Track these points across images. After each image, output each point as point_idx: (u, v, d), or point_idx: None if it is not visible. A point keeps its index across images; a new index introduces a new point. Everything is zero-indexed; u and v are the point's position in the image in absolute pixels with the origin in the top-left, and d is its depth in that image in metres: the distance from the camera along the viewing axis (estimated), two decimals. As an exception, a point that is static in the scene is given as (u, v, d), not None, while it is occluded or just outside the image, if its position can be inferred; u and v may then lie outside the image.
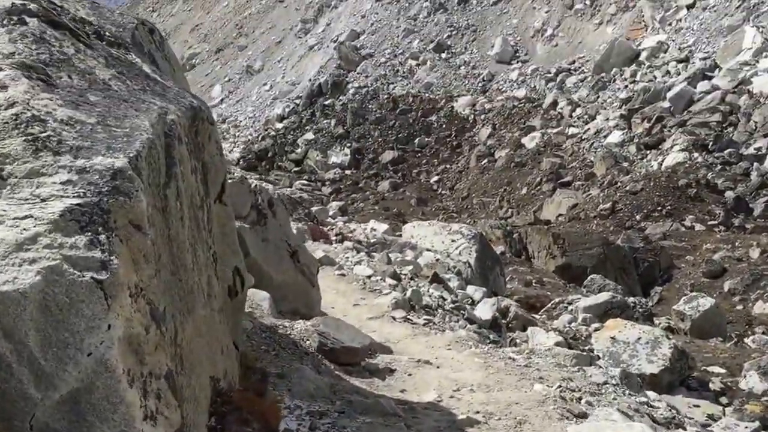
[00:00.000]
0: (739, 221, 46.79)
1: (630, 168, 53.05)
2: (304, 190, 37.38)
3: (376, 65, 67.70)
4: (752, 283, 37.19)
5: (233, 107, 70.86)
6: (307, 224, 17.10)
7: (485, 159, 57.83)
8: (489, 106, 62.25)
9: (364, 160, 61.24)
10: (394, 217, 52.40)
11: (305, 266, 11.26)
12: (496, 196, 54.06)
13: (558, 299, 24.89)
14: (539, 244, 43.21)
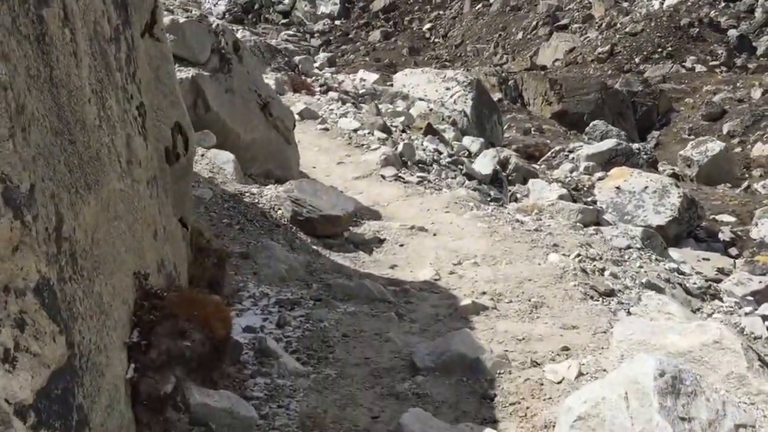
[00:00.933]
0: (741, 61, 45.25)
1: (630, 8, 50.73)
2: (290, 41, 35.04)
3: None
4: (752, 124, 36.16)
5: (216, -43, 67.17)
6: (287, 74, 15.18)
7: (479, 3, 55.40)
8: (483, -52, 59.01)
9: (355, 9, 58.67)
10: (386, 68, 50.60)
11: (279, 120, 9.48)
12: (490, 42, 51.94)
13: (558, 147, 23.26)
14: (535, 91, 41.52)
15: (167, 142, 5.73)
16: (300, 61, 20.10)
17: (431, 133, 17.39)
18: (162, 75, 5.83)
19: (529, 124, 26.68)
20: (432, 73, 24.42)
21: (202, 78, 8.66)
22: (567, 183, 19.38)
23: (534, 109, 40.35)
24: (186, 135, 6.02)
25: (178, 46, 8.73)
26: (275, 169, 9.47)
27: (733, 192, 22.93)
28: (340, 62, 52.28)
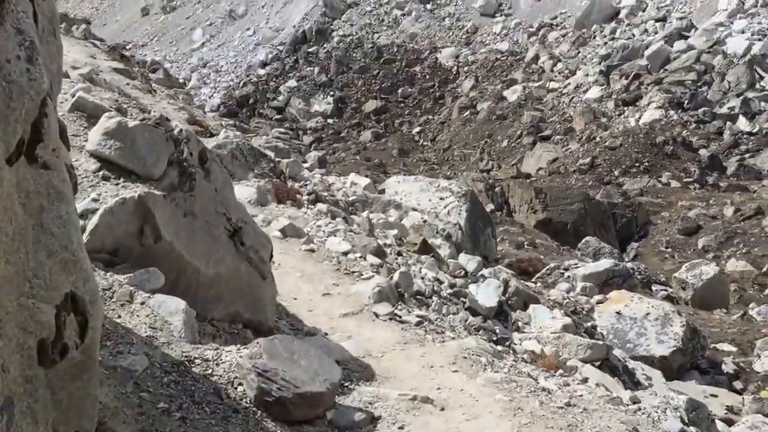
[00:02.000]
0: (713, 179, 44.08)
1: (608, 124, 49.61)
2: (281, 139, 32.90)
3: (362, 14, 62.84)
4: (726, 240, 35.00)
5: (214, 52, 65.71)
6: (272, 182, 12.74)
7: (467, 111, 53.89)
8: (472, 59, 58.03)
9: (347, 109, 57.06)
10: (376, 168, 48.89)
11: (253, 250, 7.03)
12: (477, 148, 50.28)
13: (554, 264, 20.90)
14: (521, 198, 39.76)
15: (44, 330, 3.16)
16: (288, 165, 17.72)
17: (426, 251, 15.02)
18: (48, 221, 3.34)
19: (522, 237, 24.36)
20: (425, 182, 22.14)
21: (152, 198, 6.22)
22: (565, 305, 17.10)
23: (519, 217, 38.52)
24: (85, 313, 3.43)
25: (125, 155, 6.38)
26: (244, 311, 6.99)
27: (730, 318, 20.84)
28: (331, 160, 50.49)
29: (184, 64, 65.71)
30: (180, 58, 66.80)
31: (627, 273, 18.99)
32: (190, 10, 72.31)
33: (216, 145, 13.41)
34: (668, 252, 36.90)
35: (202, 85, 62.52)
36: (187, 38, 68.65)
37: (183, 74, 63.92)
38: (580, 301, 17.85)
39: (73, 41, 24.64)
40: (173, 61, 66.33)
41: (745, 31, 49.13)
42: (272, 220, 11.33)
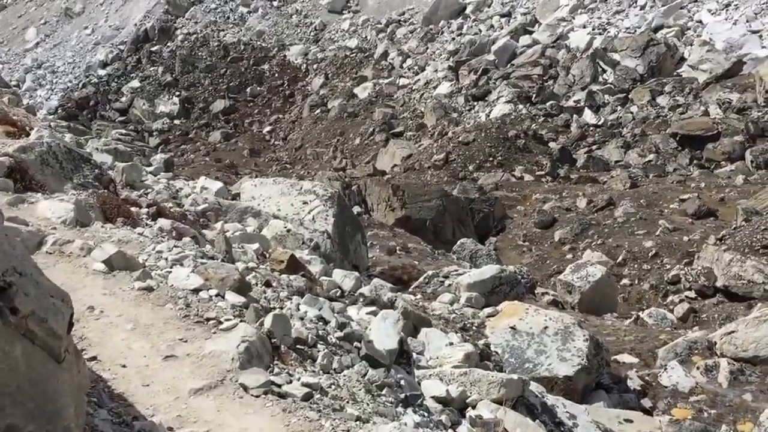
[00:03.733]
0: (564, 171, 43.16)
1: (459, 119, 47.97)
2: (122, 141, 29.01)
3: (206, 11, 58.86)
4: (581, 232, 34.08)
5: (50, 52, 60.03)
6: (97, 193, 9.39)
7: (318, 109, 51.12)
8: (321, 56, 55.28)
9: (194, 109, 53.19)
10: (227, 169, 45.57)
11: (36, 320, 3.92)
12: (330, 147, 47.62)
13: (431, 272, 18.24)
14: (379, 196, 37.42)
15: None
16: (124, 170, 14.28)
17: (295, 270, 11.98)
18: None
19: (393, 242, 21.59)
20: (285, 184, 19.03)
21: None
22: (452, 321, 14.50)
23: (377, 215, 36.20)
24: None
25: None
26: (26, 422, 3.86)
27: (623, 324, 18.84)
28: (180, 162, 46.65)
29: (17, 65, 59.76)
30: (12, 59, 60.74)
31: (514, 280, 16.56)
32: (22, 8, 66.03)
33: (18, 148, 9.92)
34: (526, 246, 35.59)
35: (38, 87, 56.96)
36: (19, 38, 62.54)
37: (17, 75, 58.12)
38: (467, 315, 15.29)
39: None
40: (4, 63, 60.27)
41: (586, 26, 48.66)
42: (94, 248, 8.05)
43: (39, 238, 8.38)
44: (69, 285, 7.73)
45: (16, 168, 9.58)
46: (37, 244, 8.35)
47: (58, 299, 4.38)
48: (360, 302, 13.13)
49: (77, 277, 7.85)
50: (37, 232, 8.42)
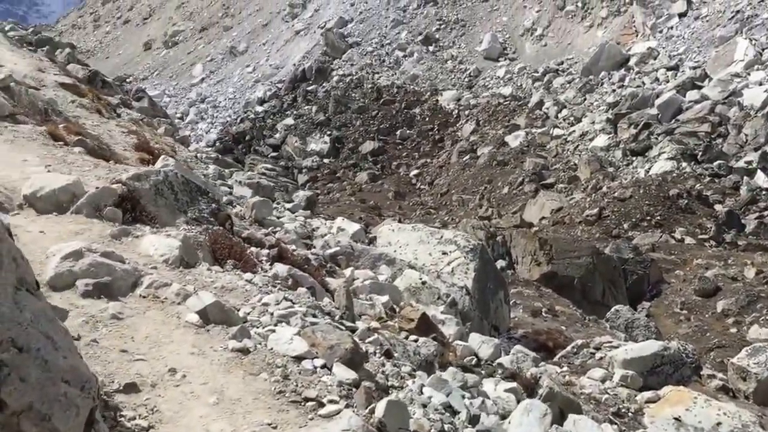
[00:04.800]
0: (731, 237, 39.53)
1: (615, 173, 45.29)
2: (267, 176, 28.59)
3: (363, 54, 58.90)
4: (747, 305, 30.77)
5: (213, 87, 61.72)
6: (210, 231, 8.29)
7: (467, 155, 49.72)
8: (474, 102, 53.96)
9: (344, 149, 52.98)
10: (371, 210, 44.98)
11: (33, 418, 2.65)
12: (476, 194, 46.00)
13: (581, 341, 16.22)
14: (524, 249, 35.47)
15: None
16: (254, 205, 13.27)
17: (426, 331, 10.51)
18: None
19: (538, 303, 19.70)
20: (425, 231, 17.62)
21: None
22: (605, 402, 12.57)
23: (521, 269, 34.30)
24: None
25: None
26: None
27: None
28: (325, 200, 46.48)
29: (182, 99, 61.82)
30: (179, 93, 62.93)
31: (679, 360, 14.38)
32: (191, 46, 68.58)
33: (133, 176, 8.99)
34: (684, 314, 32.56)
35: (200, 120, 58.59)
36: (187, 73, 64.84)
37: (181, 108, 60.09)
38: (622, 397, 13.29)
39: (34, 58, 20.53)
40: (172, 96, 62.48)
41: (763, 83, 45.03)
42: (191, 294, 6.90)
43: (134, 279, 7.30)
44: (154, 338, 6.56)
45: (127, 197, 8.66)
46: (131, 285, 7.27)
47: (75, 387, 3.10)
48: (498, 374, 11.48)
49: (166, 328, 6.67)
50: (133, 271, 7.34)
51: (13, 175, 9.02)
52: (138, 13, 78.90)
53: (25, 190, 8.49)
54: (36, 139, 10.70)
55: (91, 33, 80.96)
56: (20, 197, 8.48)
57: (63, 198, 8.48)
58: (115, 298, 6.99)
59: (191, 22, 71.60)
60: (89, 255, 7.15)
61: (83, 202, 8.42)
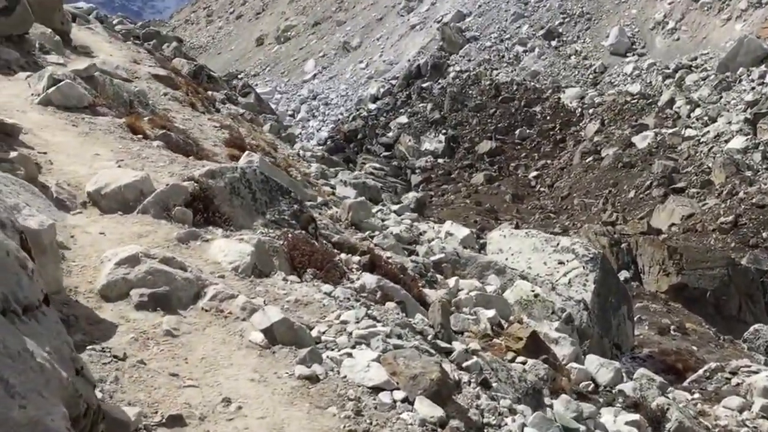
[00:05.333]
0: None
1: (753, 178, 42.44)
2: (374, 176, 27.89)
3: (481, 49, 57.52)
4: None
5: (325, 84, 61.58)
6: (288, 235, 7.49)
7: (590, 156, 47.76)
8: (599, 100, 51.82)
9: (459, 149, 51.85)
10: (486, 213, 43.77)
11: None
12: (599, 198, 44.06)
13: (714, 365, 14.70)
14: (651, 258, 33.68)
15: None
16: (351, 207, 12.47)
17: (536, 351, 9.47)
18: None
19: (666, 319, 18.12)
20: (540, 239, 16.43)
21: None
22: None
23: (648, 279, 32.54)
24: None
25: None
26: None
27: None
28: (439, 201, 45.58)
29: (294, 95, 62.00)
30: (290, 89, 63.17)
31: (836, 392, 12.79)
32: (304, 41, 68.80)
33: (207, 172, 8.29)
34: (830, 334, 29.76)
35: (311, 117, 58.59)
36: (299, 69, 65.06)
37: (293, 105, 60.30)
38: (763, 430, 11.85)
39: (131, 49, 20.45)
40: (283, 92, 62.80)
41: None
42: (258, 309, 6.10)
43: (196, 289, 6.56)
44: (211, 360, 5.76)
45: (200, 196, 7.96)
46: (193, 296, 6.53)
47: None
48: (619, 403, 10.29)
49: (226, 349, 5.88)
50: (196, 280, 6.60)
51: (81, 171, 8.48)
52: (251, 8, 79.93)
53: (89, 187, 7.92)
54: (113, 132, 10.21)
55: (203, 28, 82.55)
56: (84, 194, 7.92)
57: (129, 196, 7.87)
58: (173, 310, 6.28)
59: (304, 16, 71.90)
60: (147, 261, 6.47)
61: (150, 200, 7.78)
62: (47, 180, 7.94)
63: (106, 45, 18.80)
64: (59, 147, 9.24)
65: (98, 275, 6.46)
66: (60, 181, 8.03)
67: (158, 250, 6.93)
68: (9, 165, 7.49)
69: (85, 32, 19.81)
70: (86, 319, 5.92)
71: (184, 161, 9.56)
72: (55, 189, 7.70)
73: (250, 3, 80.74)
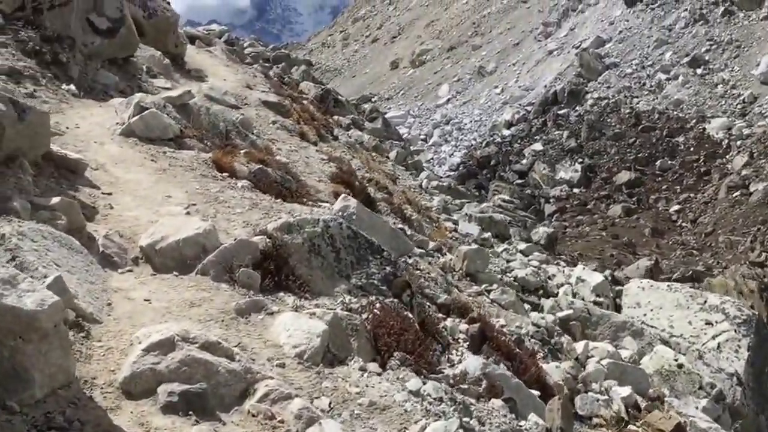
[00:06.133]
0: None
1: None
2: (503, 208, 26.01)
3: (621, 76, 54.58)
4: None
5: (459, 108, 59.97)
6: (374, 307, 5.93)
7: (737, 191, 44.07)
8: (747, 132, 47.97)
9: (596, 178, 49.13)
10: (623, 248, 41.05)
11: None
12: (747, 236, 40.42)
13: None
14: (810, 308, 30.05)
15: None
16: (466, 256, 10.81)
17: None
18: None
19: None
20: (684, 294, 14.26)
21: None
22: None
23: (803, 332, 29.15)
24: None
25: None
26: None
27: None
28: (572, 233, 43.20)
29: (427, 120, 60.79)
30: (423, 113, 62.00)
31: None
32: (438, 65, 67.54)
33: (282, 226, 6.86)
34: None
35: (444, 142, 57.18)
36: (432, 93, 63.82)
37: (425, 130, 59.10)
38: None
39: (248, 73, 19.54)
40: (416, 116, 61.70)
41: None
42: (319, 419, 4.60)
43: (244, 385, 5.08)
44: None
45: (272, 254, 6.53)
46: (240, 394, 5.06)
47: None
48: None
49: (264, 480, 4.38)
50: (245, 373, 5.13)
51: (143, 217, 7.23)
52: (387, 32, 79.51)
53: (143, 240, 6.62)
54: (194, 169, 8.97)
55: (339, 51, 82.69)
56: (137, 249, 6.64)
57: (188, 252, 6.51)
58: (210, 414, 4.83)
59: (439, 41, 70.69)
60: (183, 347, 5.07)
61: (212, 259, 6.40)
62: (97, 230, 6.71)
63: (222, 68, 17.91)
64: (128, 186, 8.07)
65: (124, 362, 5.10)
66: (112, 231, 6.78)
67: (206, 327, 5.53)
68: (49, 213, 6.30)
69: (203, 55, 19.03)
70: (94, 427, 4.55)
71: (268, 206, 8.18)
72: (102, 242, 6.45)
73: (386, 27, 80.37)
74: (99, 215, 7.13)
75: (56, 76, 12.74)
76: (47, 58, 13.19)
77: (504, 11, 69.00)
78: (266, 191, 9.24)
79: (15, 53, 12.38)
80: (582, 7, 61.83)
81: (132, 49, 14.36)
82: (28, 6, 13.78)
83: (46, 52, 13.31)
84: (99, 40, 14.62)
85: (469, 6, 73.38)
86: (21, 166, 6.94)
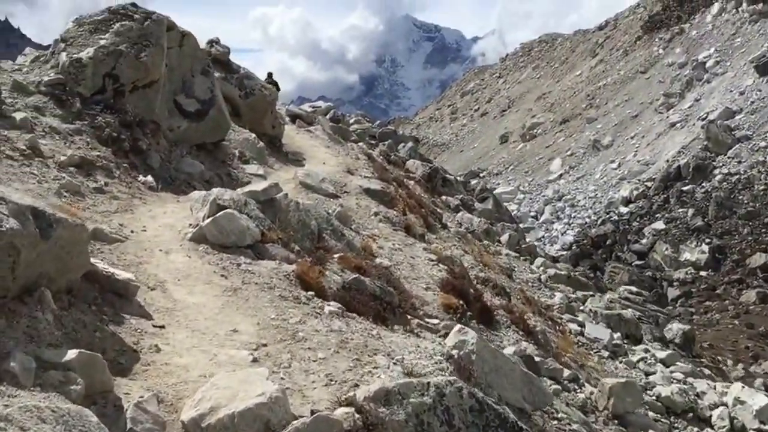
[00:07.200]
0: None
1: None
2: (630, 301, 23.51)
3: (753, 150, 51.19)
4: None
5: (572, 184, 57.50)
6: None
7: None
8: None
9: (726, 261, 45.70)
10: (760, 338, 37.51)
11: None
12: None
13: None
14: None
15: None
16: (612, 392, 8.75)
17: None
18: None
19: None
20: None
21: None
22: None
23: None
24: None
25: None
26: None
27: None
28: (701, 321, 39.95)
29: (537, 196, 58.60)
30: (534, 189, 59.86)
31: None
32: (550, 139, 65.47)
33: (376, 395, 5.03)
34: None
35: (556, 219, 54.79)
36: (544, 168, 61.68)
37: (536, 206, 56.89)
38: None
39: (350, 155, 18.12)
40: (526, 192, 59.60)
41: None
42: None
43: None
44: None
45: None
46: None
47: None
48: None
49: None
50: None
51: (196, 366, 5.53)
52: (496, 105, 78.19)
53: (185, 413, 4.90)
54: (273, 288, 7.30)
55: (447, 125, 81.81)
56: (179, 424, 4.92)
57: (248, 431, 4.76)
58: None
59: (551, 114, 68.68)
60: None
61: (278, 444, 4.64)
62: (130, 392, 5.05)
63: (322, 150, 16.51)
64: (187, 315, 6.44)
65: None
66: (150, 393, 5.09)
67: None
68: (61, 375, 4.67)
69: (303, 135, 17.72)
70: None
71: (361, 344, 6.35)
72: (132, 414, 4.76)
73: (496, 100, 79.11)
74: (139, 363, 5.49)
75: (133, 166, 11.48)
76: (125, 146, 11.98)
77: (621, 82, 66.51)
78: (361, 312, 7.48)
79: (90, 141, 11.18)
80: (708, 77, 58.83)
81: (222, 132, 13.08)
82: (108, 88, 12.67)
83: (125, 139, 12.11)
84: (186, 123, 13.44)
85: (583, 78, 71.27)
86: (41, 300, 5.39)
